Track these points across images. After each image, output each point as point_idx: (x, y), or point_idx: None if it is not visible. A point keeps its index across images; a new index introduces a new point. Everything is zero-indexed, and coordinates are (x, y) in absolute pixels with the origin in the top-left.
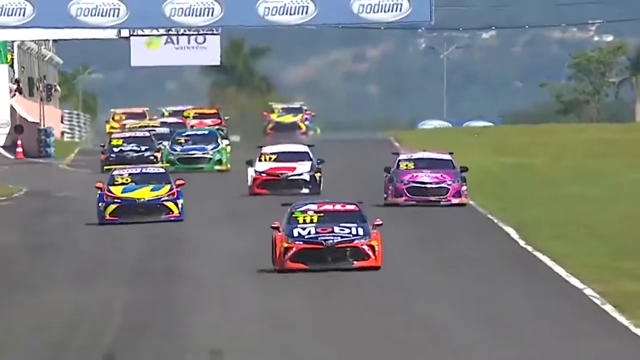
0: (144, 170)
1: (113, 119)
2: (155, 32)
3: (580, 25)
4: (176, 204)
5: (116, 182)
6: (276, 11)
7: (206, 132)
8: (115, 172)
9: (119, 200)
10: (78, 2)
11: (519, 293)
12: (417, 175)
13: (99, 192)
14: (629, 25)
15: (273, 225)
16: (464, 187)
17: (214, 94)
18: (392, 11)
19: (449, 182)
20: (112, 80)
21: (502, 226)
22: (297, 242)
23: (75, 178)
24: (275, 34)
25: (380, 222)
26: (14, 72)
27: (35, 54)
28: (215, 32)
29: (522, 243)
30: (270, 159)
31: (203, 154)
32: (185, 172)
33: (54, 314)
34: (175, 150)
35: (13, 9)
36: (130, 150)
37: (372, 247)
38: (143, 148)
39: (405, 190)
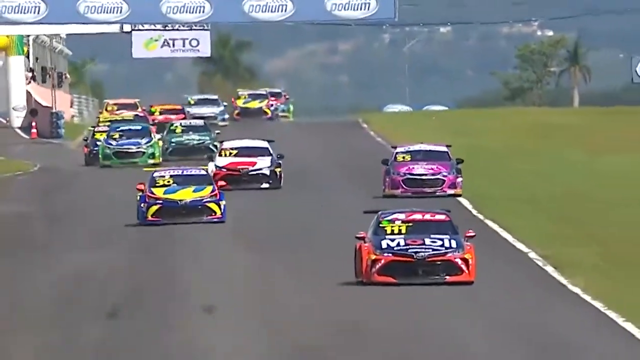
0: (185, 172)
1: (106, 109)
2: (152, 27)
3: (525, 22)
4: (219, 205)
5: (158, 184)
6: (259, 9)
7: (139, 127)
8: (156, 174)
9: (161, 202)
10: (85, 1)
11: None
12: (413, 167)
13: (140, 193)
14: (568, 22)
15: (358, 235)
16: (460, 179)
17: (203, 82)
18: (361, 9)
19: (445, 174)
20: (116, 71)
21: (458, 198)
22: (385, 254)
23: (82, 156)
24: (259, 29)
25: (473, 234)
26: (29, 62)
27: (48, 46)
28: (205, 27)
29: (474, 212)
30: (230, 154)
31: (137, 148)
32: (120, 166)
33: (66, 274)
34: (111, 145)
35: (29, 7)
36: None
37: (465, 261)
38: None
39: (401, 182)
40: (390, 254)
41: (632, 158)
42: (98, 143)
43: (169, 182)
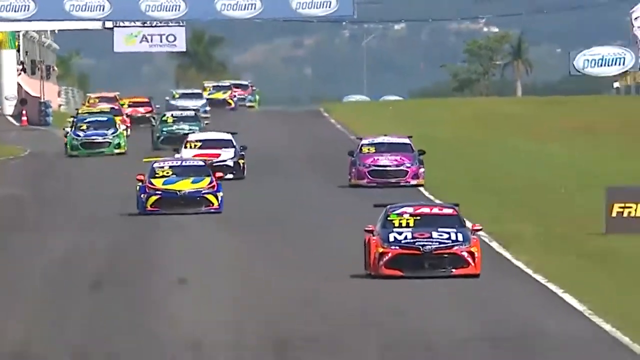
0: (184, 163)
1: (88, 102)
2: (132, 24)
3: (473, 19)
4: (216, 197)
5: (157, 175)
6: (230, 7)
7: (105, 118)
8: (156, 165)
9: (160, 192)
10: (71, 0)
11: None
12: (378, 159)
13: (140, 183)
14: (512, 20)
15: (367, 229)
16: (422, 170)
17: (179, 75)
18: (323, 7)
19: (408, 165)
20: (100, 64)
21: (420, 188)
22: (392, 247)
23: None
24: (230, 25)
25: (480, 227)
26: (19, 56)
27: (37, 41)
28: (181, 24)
29: (426, 193)
30: (195, 146)
31: (104, 138)
32: (87, 156)
33: (53, 251)
34: (79, 136)
35: (19, 5)
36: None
37: (471, 254)
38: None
39: (367, 173)
40: (397, 247)
41: (570, 146)
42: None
43: (168, 173)
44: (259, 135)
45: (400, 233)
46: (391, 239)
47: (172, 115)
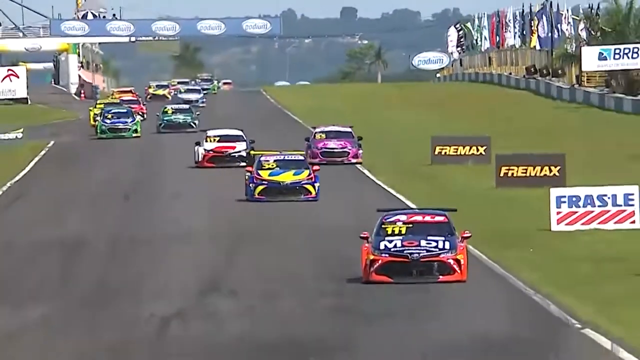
0: (286, 157)
1: (112, 95)
2: (145, 38)
3: (352, 35)
4: (314, 187)
5: (264, 167)
6: (206, 28)
7: (125, 110)
8: (262, 158)
9: (266, 182)
10: (111, 24)
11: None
12: (327, 143)
13: (249, 174)
14: (375, 35)
15: (362, 236)
16: (360, 151)
17: (175, 70)
18: (262, 28)
19: (349, 148)
20: (126, 63)
21: (358, 166)
22: (382, 255)
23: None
24: (206, 39)
25: (469, 235)
26: (79, 57)
27: (89, 49)
28: (176, 38)
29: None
30: (215, 140)
31: (125, 125)
32: (113, 138)
33: (96, 176)
34: (106, 123)
35: (79, 26)
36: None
37: (457, 262)
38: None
39: (319, 154)
40: (387, 255)
41: (428, 114)
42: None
43: (273, 166)
44: (223, 106)
45: (390, 241)
46: (381, 247)
47: (171, 107)
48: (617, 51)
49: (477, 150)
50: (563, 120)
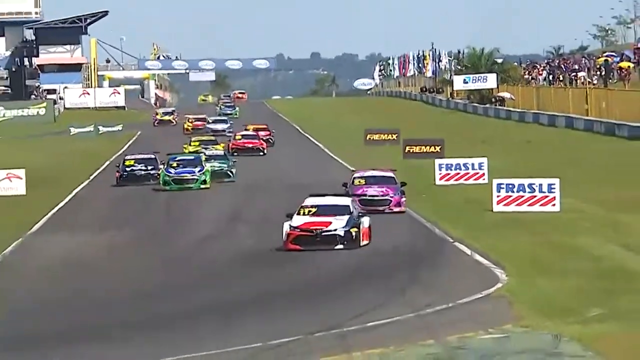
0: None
1: (189, 121)
2: (194, 71)
3: (317, 69)
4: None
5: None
6: (232, 64)
7: (192, 157)
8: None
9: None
10: (174, 62)
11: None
12: (367, 190)
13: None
14: (334, 69)
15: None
16: (404, 199)
17: (212, 91)
18: (264, 64)
19: (391, 195)
20: (182, 86)
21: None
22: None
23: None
24: (231, 71)
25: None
26: (155, 81)
27: (161, 76)
28: (212, 68)
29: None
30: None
31: (192, 176)
32: (177, 190)
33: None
34: (170, 173)
35: (155, 64)
36: (139, 169)
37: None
38: (149, 167)
39: (358, 202)
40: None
41: (358, 118)
42: (127, 169)
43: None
44: (243, 112)
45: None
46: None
47: (205, 154)
48: (474, 78)
49: (392, 136)
50: (442, 120)
